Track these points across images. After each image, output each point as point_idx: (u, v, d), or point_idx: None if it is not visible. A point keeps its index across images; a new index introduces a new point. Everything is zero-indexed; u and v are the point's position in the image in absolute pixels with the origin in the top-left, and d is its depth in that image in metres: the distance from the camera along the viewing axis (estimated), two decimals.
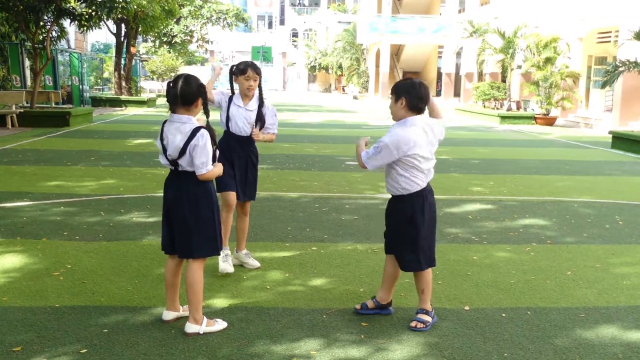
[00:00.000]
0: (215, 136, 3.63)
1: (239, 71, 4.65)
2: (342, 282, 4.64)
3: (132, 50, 26.03)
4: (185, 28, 41.92)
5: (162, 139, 3.60)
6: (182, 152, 3.50)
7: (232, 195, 4.70)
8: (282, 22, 68.40)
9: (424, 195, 3.78)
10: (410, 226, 3.75)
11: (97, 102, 25.19)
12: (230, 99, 4.76)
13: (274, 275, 4.75)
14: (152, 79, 38.73)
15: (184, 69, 47.93)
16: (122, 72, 25.76)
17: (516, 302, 4.33)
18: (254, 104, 4.75)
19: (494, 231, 6.32)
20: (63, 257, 4.98)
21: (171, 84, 3.56)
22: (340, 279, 4.72)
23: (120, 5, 16.18)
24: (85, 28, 16.88)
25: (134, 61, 28.11)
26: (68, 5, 16.68)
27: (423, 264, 3.83)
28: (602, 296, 4.50)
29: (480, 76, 31.59)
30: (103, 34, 29.92)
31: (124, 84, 25.95)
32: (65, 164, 9.84)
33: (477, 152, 13.14)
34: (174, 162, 3.57)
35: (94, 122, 18.05)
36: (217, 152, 3.73)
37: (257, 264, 4.94)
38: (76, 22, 16.46)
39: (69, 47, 33.19)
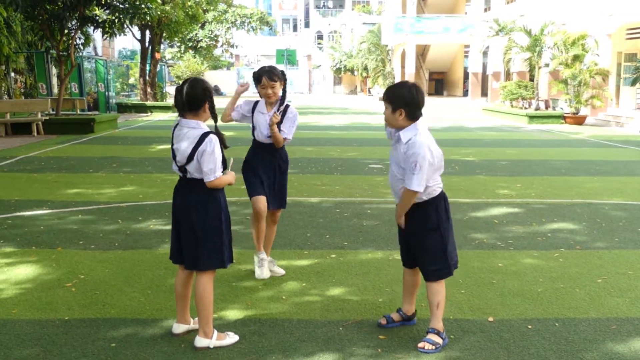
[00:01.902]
0: (225, 141, 3.51)
1: (255, 80, 4.55)
2: (360, 292, 4.48)
3: (157, 55, 26.20)
4: (210, 33, 42.21)
5: (172, 145, 3.50)
6: (190, 158, 3.39)
7: (262, 200, 4.59)
8: (306, 25, 68.42)
9: (444, 198, 3.64)
10: (436, 234, 3.57)
11: (122, 108, 25.41)
12: (255, 107, 4.66)
13: (290, 285, 4.61)
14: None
15: (210, 74, 48.31)
16: (147, 77, 25.94)
17: (543, 313, 4.12)
18: (276, 109, 4.63)
19: (520, 236, 6.09)
20: (77, 267, 4.92)
21: (178, 89, 3.46)
22: (359, 288, 4.56)
23: (142, 12, 16.25)
24: (109, 35, 17.01)
25: (159, 67, 28.31)
26: (92, 13, 16.82)
27: (451, 269, 3.65)
28: (635, 306, 4.26)
29: (508, 75, 31.11)
30: (129, 41, 30.21)
31: (149, 89, 26.13)
32: (86, 171, 9.86)
33: (504, 153, 12.83)
34: (182, 169, 3.47)
35: (119, 128, 18.17)
36: (232, 160, 3.61)
37: (281, 271, 4.83)
38: (100, 29, 16.59)
39: (96, 54, 33.66)
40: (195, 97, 3.41)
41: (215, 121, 3.57)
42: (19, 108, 16.86)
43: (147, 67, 26.02)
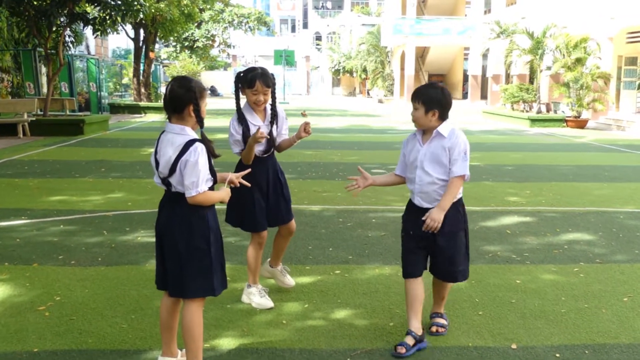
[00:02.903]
0: (213, 150, 3.05)
1: (246, 83, 3.92)
2: (368, 314, 4.03)
3: (151, 55, 25.72)
4: (206, 32, 41.74)
5: (155, 154, 3.05)
6: (172, 169, 2.95)
7: (264, 234, 4.15)
8: (305, 26, 68.04)
9: (463, 201, 3.70)
10: (464, 233, 3.64)
11: (115, 108, 24.86)
12: (243, 121, 3.98)
13: (291, 306, 4.16)
14: None
15: (206, 74, 47.86)
16: (141, 77, 25.43)
17: (570, 338, 3.70)
18: (269, 117, 4.12)
19: (536, 248, 5.67)
20: (53, 287, 4.44)
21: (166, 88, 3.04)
22: (367, 310, 4.12)
23: (135, 9, 15.73)
24: (99, 32, 16.44)
25: (153, 66, 27.82)
26: (83, 9, 16.30)
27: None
28: None
29: (508, 78, 30.76)
30: (124, 40, 29.72)
31: (143, 90, 25.61)
32: (72, 176, 9.36)
33: (509, 158, 12.42)
34: (165, 181, 3.02)
35: (110, 129, 17.65)
36: (231, 176, 3.17)
37: (291, 282, 4.42)
38: (90, 26, 16.02)
39: (89, 53, 33.14)
40: (178, 98, 2.97)
41: (201, 127, 3.09)
42: (4, 108, 16.27)
43: (141, 67, 25.52)
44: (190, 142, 2.95)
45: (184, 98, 2.97)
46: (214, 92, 45.09)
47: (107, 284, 4.52)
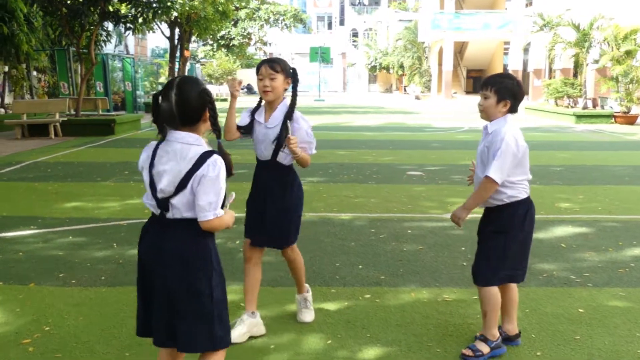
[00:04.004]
0: (232, 165, 2.47)
1: (256, 71, 3.50)
2: (404, 354, 3.39)
3: (186, 53, 25.44)
4: (242, 30, 41.44)
5: (151, 168, 2.44)
6: (182, 185, 2.36)
7: (247, 242, 3.63)
8: (341, 23, 67.33)
9: (528, 208, 3.35)
10: (501, 236, 3.31)
11: (150, 107, 24.64)
12: (253, 113, 3.58)
13: (312, 341, 3.55)
14: (210, 82, 38.33)
15: (242, 72, 47.48)
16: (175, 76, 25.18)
17: None
18: (276, 118, 3.48)
19: (597, 267, 4.94)
20: (44, 314, 3.92)
21: (160, 96, 2.41)
22: (402, 348, 3.48)
23: (166, 6, 15.36)
24: (132, 31, 16.18)
25: (190, 65, 27.56)
26: (115, 8, 16.04)
27: (501, 280, 3.39)
28: None
29: (550, 72, 29.62)
30: (162, 39, 29.57)
31: None
32: (94, 180, 8.93)
33: (556, 157, 11.53)
34: (163, 203, 2.43)
35: (142, 129, 17.31)
36: (233, 195, 2.56)
37: (306, 319, 3.79)
38: (122, 24, 15.76)
39: (127, 52, 33.14)
40: (190, 103, 2.38)
41: (219, 136, 2.51)
42: (37, 108, 16.15)
43: (177, 66, 25.29)
44: (207, 154, 2.38)
45: (198, 102, 2.39)
46: (250, 90, 44.85)
47: (105, 310, 3.98)
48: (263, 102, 3.55)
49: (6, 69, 17.72)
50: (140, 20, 15.75)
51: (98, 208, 7.04)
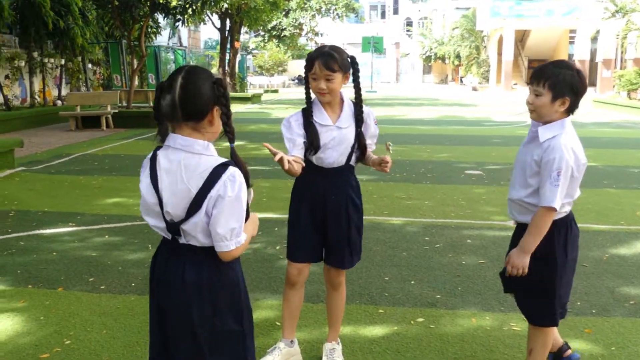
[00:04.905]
0: (249, 176, 1.99)
1: (306, 65, 2.87)
2: None
3: (237, 44, 25.30)
4: (294, 21, 41.09)
5: (154, 182, 1.99)
6: (194, 208, 1.91)
7: (299, 268, 3.03)
8: (395, 12, 66.30)
9: (569, 224, 2.72)
10: (542, 263, 2.66)
11: None
12: (308, 116, 2.91)
13: None
14: (261, 73, 38.19)
15: (293, 63, 47.16)
16: (226, 67, 25.07)
17: None
18: (347, 117, 2.95)
19: None
20: (68, 324, 3.61)
21: (162, 88, 1.97)
22: None
23: None
24: (182, 22, 16.12)
25: (240, 56, 27.44)
26: (165, 0, 15.95)
27: (557, 317, 2.77)
28: None
29: (622, 63, 28.10)
30: (215, 31, 29.57)
31: (228, 80, 25.28)
32: (138, 173, 8.62)
33: (634, 157, 10.52)
34: (173, 227, 1.98)
35: None
36: (252, 192, 2.06)
37: None
38: (171, 16, 15.69)
39: (180, 44, 33.35)
40: (197, 93, 1.91)
41: (232, 141, 2.01)
42: (90, 101, 16.35)
43: (227, 57, 25.18)
44: (222, 168, 1.91)
45: (207, 93, 1.92)
46: (301, 81, 44.56)
47: (131, 322, 3.63)
48: (313, 100, 2.97)
49: (63, 62, 17.97)
50: (190, 11, 15.62)
51: (137, 205, 6.74)
